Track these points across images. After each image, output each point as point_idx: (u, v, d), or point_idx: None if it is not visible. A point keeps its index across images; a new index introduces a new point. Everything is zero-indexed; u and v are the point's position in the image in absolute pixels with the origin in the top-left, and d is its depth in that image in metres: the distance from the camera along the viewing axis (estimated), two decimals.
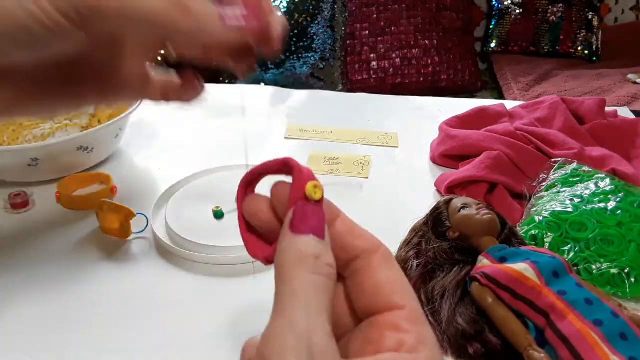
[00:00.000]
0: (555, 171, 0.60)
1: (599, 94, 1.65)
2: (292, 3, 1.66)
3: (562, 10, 1.96)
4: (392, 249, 0.51)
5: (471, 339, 0.42)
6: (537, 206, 0.55)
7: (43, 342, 0.44)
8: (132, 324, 0.46)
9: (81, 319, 0.46)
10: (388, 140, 0.77)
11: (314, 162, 0.71)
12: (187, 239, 0.53)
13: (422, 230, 0.50)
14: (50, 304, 0.48)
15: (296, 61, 1.70)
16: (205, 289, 0.50)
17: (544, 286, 0.41)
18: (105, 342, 0.44)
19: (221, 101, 0.89)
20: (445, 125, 0.73)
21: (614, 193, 0.54)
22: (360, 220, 0.25)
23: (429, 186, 0.66)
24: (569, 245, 0.50)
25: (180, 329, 0.45)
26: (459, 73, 1.90)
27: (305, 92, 0.94)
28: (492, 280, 0.43)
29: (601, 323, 0.38)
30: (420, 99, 0.92)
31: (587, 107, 0.75)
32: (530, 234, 0.52)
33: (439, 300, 0.45)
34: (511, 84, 1.80)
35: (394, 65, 1.86)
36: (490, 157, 0.62)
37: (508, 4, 2.02)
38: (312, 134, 0.79)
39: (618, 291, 0.47)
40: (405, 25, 1.86)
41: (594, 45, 1.96)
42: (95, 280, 0.50)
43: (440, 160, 0.70)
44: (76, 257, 0.53)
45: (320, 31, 1.69)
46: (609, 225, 0.50)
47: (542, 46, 2.00)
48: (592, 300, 0.40)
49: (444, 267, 0.47)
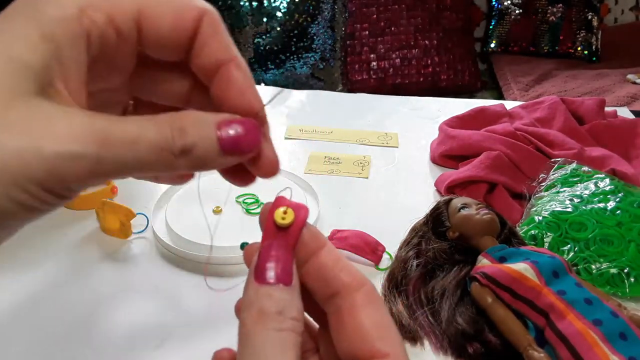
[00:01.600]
0: (555, 171, 0.60)
1: (598, 94, 1.65)
2: (292, 3, 1.66)
3: (562, 10, 1.96)
4: (392, 249, 0.52)
5: (471, 338, 0.42)
6: (537, 206, 0.55)
7: (43, 341, 0.44)
8: (132, 324, 0.46)
9: (81, 319, 0.46)
10: (388, 140, 0.77)
11: (314, 162, 0.71)
12: (187, 239, 0.53)
13: (422, 230, 0.50)
14: (50, 304, 0.48)
15: (296, 61, 1.70)
16: (205, 288, 0.50)
17: (544, 286, 0.41)
18: (105, 341, 0.44)
19: None
20: (445, 125, 0.73)
21: (613, 193, 0.54)
22: (360, 220, 0.25)
23: (429, 186, 0.66)
24: (568, 245, 0.50)
25: (180, 328, 0.45)
26: (459, 73, 1.90)
27: (305, 92, 0.94)
28: (492, 280, 0.43)
29: (601, 323, 0.38)
30: (420, 99, 0.92)
31: (587, 107, 0.75)
32: (530, 233, 0.52)
33: (438, 300, 0.45)
34: (511, 84, 1.80)
35: (394, 65, 1.86)
36: (490, 157, 0.62)
37: (508, 4, 2.02)
38: (312, 134, 0.79)
39: (617, 291, 0.47)
40: (405, 25, 1.86)
41: (594, 46, 1.96)
42: (95, 280, 0.50)
43: (440, 160, 0.70)
44: (76, 257, 0.53)
45: (320, 31, 1.69)
46: (608, 225, 0.50)
47: (541, 46, 2.00)
48: (592, 300, 0.40)
49: (444, 267, 0.47)
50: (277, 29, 1.67)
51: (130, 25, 0.22)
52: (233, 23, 1.67)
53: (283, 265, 0.22)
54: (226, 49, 0.24)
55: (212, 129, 0.22)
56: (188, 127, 0.22)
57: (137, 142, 0.21)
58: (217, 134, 0.22)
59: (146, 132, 0.21)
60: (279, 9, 1.66)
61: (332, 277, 0.22)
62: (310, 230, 0.23)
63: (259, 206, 0.59)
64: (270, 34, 1.68)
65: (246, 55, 1.68)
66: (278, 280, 0.21)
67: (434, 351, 0.43)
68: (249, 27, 1.67)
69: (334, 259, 0.23)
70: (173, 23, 0.23)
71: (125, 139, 0.21)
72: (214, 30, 0.24)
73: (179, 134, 0.22)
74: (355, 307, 0.22)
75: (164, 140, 0.21)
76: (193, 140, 0.22)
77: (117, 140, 0.20)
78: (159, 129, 0.21)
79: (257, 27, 1.67)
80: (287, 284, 0.21)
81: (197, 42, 0.24)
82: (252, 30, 1.67)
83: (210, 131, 0.22)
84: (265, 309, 0.20)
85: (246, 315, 0.21)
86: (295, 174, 0.65)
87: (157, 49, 0.24)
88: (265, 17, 1.67)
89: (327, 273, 0.22)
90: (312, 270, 0.22)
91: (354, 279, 0.22)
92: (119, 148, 0.20)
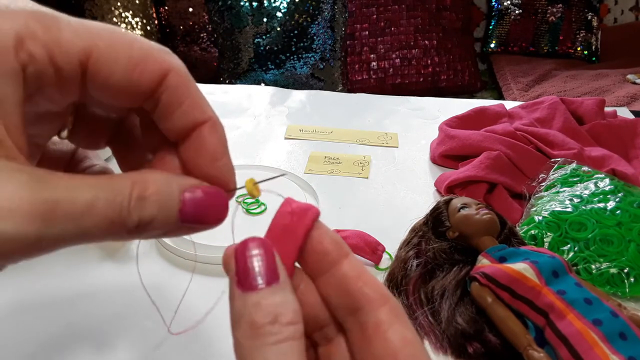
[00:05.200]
0: (555, 171, 0.60)
1: (598, 94, 1.65)
2: (292, 3, 1.66)
3: (562, 10, 1.96)
4: (392, 249, 0.52)
5: (471, 338, 0.42)
6: (537, 206, 0.55)
7: (43, 341, 0.44)
8: (132, 324, 0.46)
9: (81, 319, 0.46)
10: (388, 140, 0.77)
11: (314, 162, 0.71)
12: (187, 239, 0.53)
13: (422, 230, 0.50)
14: (50, 304, 0.48)
15: (296, 61, 1.70)
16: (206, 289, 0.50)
17: (544, 286, 0.41)
18: (105, 341, 0.44)
19: (222, 101, 0.89)
20: (445, 126, 0.73)
21: (613, 193, 0.54)
22: (360, 220, 0.25)
23: (429, 186, 0.66)
24: (568, 245, 0.50)
25: (180, 328, 0.45)
26: (459, 73, 1.90)
27: (305, 92, 0.94)
28: (492, 280, 0.43)
29: (600, 323, 0.38)
30: (420, 99, 0.92)
31: (587, 107, 0.75)
32: (530, 233, 0.52)
33: (438, 300, 0.45)
34: (511, 84, 1.80)
35: (393, 65, 1.86)
36: (489, 157, 0.62)
37: (507, 4, 2.02)
38: (312, 134, 0.79)
39: (617, 291, 0.47)
40: (405, 25, 1.86)
41: (593, 46, 1.96)
42: (95, 280, 0.50)
43: (440, 160, 0.70)
44: (76, 257, 0.53)
45: (320, 31, 1.69)
46: (608, 225, 0.50)
47: (541, 46, 2.00)
48: (592, 300, 0.40)
49: (444, 267, 0.47)
50: (277, 29, 1.67)
51: (73, 65, 0.19)
52: (233, 23, 1.67)
53: (266, 264, 0.20)
54: (199, 109, 0.22)
55: (176, 199, 0.20)
56: (150, 195, 0.20)
57: (86, 215, 0.19)
58: (179, 205, 0.20)
59: (98, 203, 0.19)
60: (279, 9, 1.66)
61: (355, 291, 0.20)
62: (332, 238, 0.21)
63: (259, 206, 0.59)
64: (270, 34, 1.68)
65: (246, 55, 1.68)
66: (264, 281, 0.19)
67: (433, 351, 0.43)
68: (249, 27, 1.67)
69: (357, 271, 0.21)
70: (126, 74, 0.20)
71: (74, 212, 0.18)
72: (184, 89, 0.21)
73: (137, 204, 0.19)
74: (382, 324, 0.20)
75: (117, 214, 0.19)
76: (152, 214, 0.20)
77: (63, 214, 0.18)
78: (115, 198, 0.19)
79: (257, 27, 1.67)
80: (274, 282, 0.19)
81: (164, 102, 0.21)
82: (252, 30, 1.67)
83: (173, 203, 0.20)
84: (256, 321, 0.19)
85: (239, 333, 0.19)
86: (295, 174, 0.65)
87: (104, 96, 0.21)
88: (265, 17, 1.67)
89: (349, 286, 0.20)
90: (333, 281, 0.21)
91: (379, 294, 0.20)
92: (65, 223, 0.18)
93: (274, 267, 0.20)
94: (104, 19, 1.63)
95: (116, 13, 1.65)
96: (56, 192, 0.18)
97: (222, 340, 0.44)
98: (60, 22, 0.19)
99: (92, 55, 0.20)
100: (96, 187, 0.19)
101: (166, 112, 0.21)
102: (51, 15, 0.19)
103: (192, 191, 0.21)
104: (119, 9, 1.65)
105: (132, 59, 0.20)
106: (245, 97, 0.92)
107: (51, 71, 0.19)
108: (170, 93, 0.21)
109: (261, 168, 0.67)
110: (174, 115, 0.21)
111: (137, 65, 0.20)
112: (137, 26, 1.68)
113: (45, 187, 0.18)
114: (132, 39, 0.20)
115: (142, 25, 1.69)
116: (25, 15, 0.18)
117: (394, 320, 0.20)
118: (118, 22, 1.65)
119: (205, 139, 0.22)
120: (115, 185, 0.19)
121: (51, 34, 0.19)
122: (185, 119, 0.22)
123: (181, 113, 0.21)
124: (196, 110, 0.22)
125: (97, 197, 0.19)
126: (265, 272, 0.19)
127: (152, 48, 0.21)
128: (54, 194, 0.18)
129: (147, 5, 1.71)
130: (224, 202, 0.22)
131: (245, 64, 1.68)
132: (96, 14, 1.62)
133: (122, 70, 0.20)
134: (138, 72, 0.20)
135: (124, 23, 1.66)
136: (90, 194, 0.19)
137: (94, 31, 0.20)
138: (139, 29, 1.69)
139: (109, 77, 0.20)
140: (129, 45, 0.20)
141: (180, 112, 0.21)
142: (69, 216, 0.18)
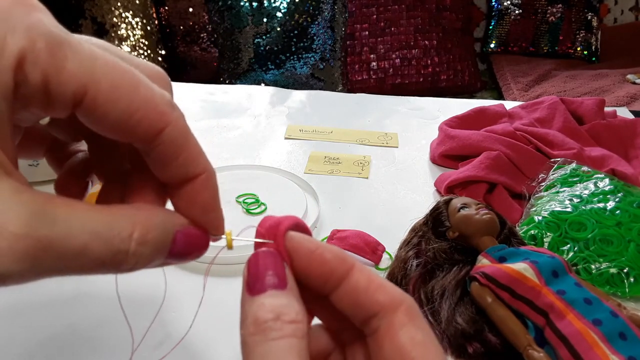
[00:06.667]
0: (555, 171, 0.60)
1: (598, 94, 1.65)
2: (292, 3, 1.66)
3: (562, 10, 1.96)
4: (392, 249, 0.52)
5: (471, 338, 0.42)
6: (537, 206, 0.55)
7: (42, 341, 0.44)
8: (133, 324, 0.46)
9: (81, 319, 0.46)
10: (388, 140, 0.77)
11: (314, 162, 0.71)
12: None
13: (422, 230, 0.50)
14: (49, 304, 0.48)
15: (296, 61, 1.70)
16: (206, 289, 0.50)
17: (543, 286, 0.41)
18: (105, 342, 0.44)
19: (222, 101, 0.89)
20: (445, 126, 0.73)
21: (613, 193, 0.54)
22: (360, 220, 0.25)
23: (429, 186, 0.66)
24: (568, 245, 0.50)
25: (181, 328, 0.45)
26: (459, 73, 1.90)
27: (305, 92, 0.94)
28: (492, 279, 0.43)
29: (600, 323, 0.38)
30: (420, 99, 0.92)
31: (586, 107, 0.75)
32: (530, 233, 0.52)
33: (438, 300, 0.45)
34: (510, 84, 1.80)
35: (393, 65, 1.86)
36: (489, 157, 0.62)
37: (507, 4, 2.02)
38: (312, 134, 0.79)
39: (617, 291, 0.47)
40: (405, 25, 1.86)
41: (593, 46, 1.96)
42: (95, 280, 0.50)
43: (440, 160, 0.70)
44: None
45: (320, 31, 1.69)
46: (608, 225, 0.50)
47: (541, 46, 2.00)
48: (592, 300, 0.40)
49: (444, 267, 0.47)
50: (277, 29, 1.67)
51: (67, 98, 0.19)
52: (233, 23, 1.67)
53: (274, 271, 0.20)
54: (194, 163, 0.22)
55: (170, 240, 0.21)
56: (150, 240, 0.20)
57: (79, 256, 0.18)
58: (170, 245, 0.21)
59: (93, 245, 0.18)
60: (279, 9, 1.66)
61: (367, 300, 0.20)
62: (334, 254, 0.21)
63: (259, 206, 0.59)
64: (270, 34, 1.68)
65: (246, 55, 1.68)
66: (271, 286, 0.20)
67: None
68: (249, 27, 1.67)
69: (366, 279, 0.21)
70: (122, 118, 0.19)
71: (66, 254, 0.18)
72: (182, 143, 0.21)
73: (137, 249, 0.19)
74: (393, 326, 0.20)
75: (110, 257, 0.19)
76: (149, 258, 0.20)
77: (55, 255, 0.18)
78: (112, 240, 0.19)
79: (257, 27, 1.67)
80: (281, 288, 0.20)
81: (159, 153, 0.21)
82: (252, 30, 1.67)
83: (167, 244, 0.21)
84: (259, 317, 0.19)
85: (243, 331, 0.19)
86: (295, 174, 0.65)
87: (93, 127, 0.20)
88: (265, 17, 1.67)
89: (361, 296, 0.20)
90: (345, 296, 0.21)
91: (391, 298, 0.20)
92: (54, 262, 0.18)
93: (282, 274, 0.20)
94: (104, 19, 1.63)
95: (116, 13, 1.65)
96: (52, 230, 0.18)
97: (221, 340, 0.44)
98: (67, 49, 0.18)
99: (90, 92, 0.19)
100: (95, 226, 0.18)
101: (160, 162, 0.21)
102: (62, 39, 0.18)
103: (184, 233, 0.21)
104: (119, 9, 1.65)
105: (133, 104, 0.19)
106: (245, 97, 0.92)
107: (42, 97, 0.19)
108: (166, 146, 0.21)
109: (261, 168, 0.67)
110: (168, 167, 0.21)
111: (136, 112, 0.19)
112: (137, 26, 1.68)
113: (42, 223, 0.17)
114: (138, 82, 0.20)
115: (142, 25, 1.69)
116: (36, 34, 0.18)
117: (405, 322, 0.20)
118: (118, 22, 1.65)
119: (198, 193, 0.22)
120: (114, 224, 0.19)
121: (54, 60, 0.18)
122: (179, 172, 0.21)
123: (176, 166, 0.21)
124: (191, 165, 0.21)
125: (93, 239, 0.18)
126: (273, 279, 0.20)
127: (155, 96, 0.20)
128: (50, 233, 0.18)
129: (147, 5, 1.71)
130: (208, 242, 0.23)
131: (245, 64, 1.68)
132: (96, 14, 1.62)
133: (118, 114, 0.19)
134: (135, 119, 0.20)
135: (124, 23, 1.66)
136: (87, 235, 0.18)
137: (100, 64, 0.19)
138: (139, 29, 1.69)
139: (103, 116, 0.19)
140: (134, 89, 0.19)
141: (175, 165, 0.21)
142: (61, 257, 0.18)
